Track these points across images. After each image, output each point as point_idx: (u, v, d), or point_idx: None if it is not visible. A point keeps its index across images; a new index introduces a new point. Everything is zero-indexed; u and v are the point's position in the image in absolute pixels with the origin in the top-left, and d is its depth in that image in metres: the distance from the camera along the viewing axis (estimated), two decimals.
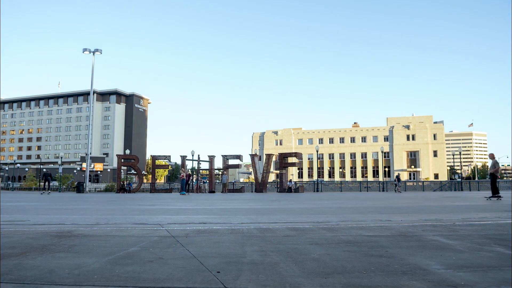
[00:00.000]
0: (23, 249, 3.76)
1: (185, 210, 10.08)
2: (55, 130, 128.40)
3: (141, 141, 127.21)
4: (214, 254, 3.50)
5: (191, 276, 2.68)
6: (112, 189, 40.57)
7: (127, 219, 6.95)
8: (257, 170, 33.33)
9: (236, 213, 8.82)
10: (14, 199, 17.92)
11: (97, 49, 34.59)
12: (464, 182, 46.26)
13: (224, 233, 4.96)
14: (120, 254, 3.53)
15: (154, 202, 14.56)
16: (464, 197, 18.14)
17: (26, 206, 12.17)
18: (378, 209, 10.12)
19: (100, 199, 18.70)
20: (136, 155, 39.08)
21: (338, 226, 5.77)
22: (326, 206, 11.69)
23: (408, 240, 4.31)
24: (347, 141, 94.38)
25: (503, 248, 3.81)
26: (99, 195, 27.05)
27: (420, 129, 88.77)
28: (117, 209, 10.36)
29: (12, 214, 8.40)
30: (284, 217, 7.36)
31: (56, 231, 5.16)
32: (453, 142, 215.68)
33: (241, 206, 12.11)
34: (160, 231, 5.21)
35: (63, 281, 2.57)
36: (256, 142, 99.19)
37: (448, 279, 2.59)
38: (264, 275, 2.71)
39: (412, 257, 3.35)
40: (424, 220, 6.56)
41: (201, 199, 17.50)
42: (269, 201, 15.29)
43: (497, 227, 5.58)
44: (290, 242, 4.23)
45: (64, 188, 42.34)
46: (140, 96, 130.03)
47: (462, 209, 9.95)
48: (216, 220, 6.78)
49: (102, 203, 13.93)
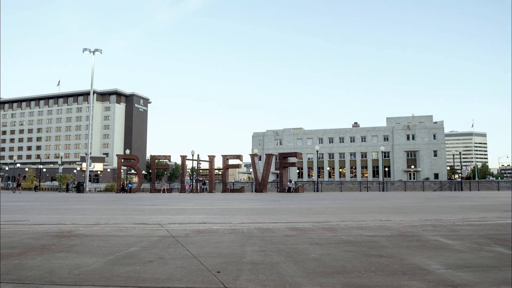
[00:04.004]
0: (23, 249, 3.76)
1: (185, 210, 10.08)
2: (55, 130, 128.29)
3: (141, 141, 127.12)
4: (214, 254, 3.50)
5: (191, 276, 2.68)
6: (112, 189, 40.58)
7: (127, 219, 6.95)
8: (257, 170, 33.32)
9: (236, 213, 8.82)
10: (14, 199, 17.92)
11: (97, 49, 34.59)
12: (464, 182, 46.25)
13: (224, 233, 4.96)
14: (120, 254, 3.53)
15: (154, 202, 14.56)
16: (464, 197, 18.13)
17: (26, 206, 12.16)
18: (378, 209, 10.12)
19: (100, 199, 18.69)
20: (136, 155, 39.06)
21: (338, 226, 5.77)
22: (326, 206, 11.69)
23: (408, 240, 4.31)
24: (347, 141, 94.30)
25: (503, 248, 3.81)
26: (99, 195, 27.04)
27: (420, 129, 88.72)
28: (117, 209, 10.35)
29: (12, 214, 8.40)
30: (284, 217, 7.35)
31: (56, 231, 5.16)
32: (453, 142, 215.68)
33: (241, 206, 12.11)
34: (160, 231, 5.21)
35: (63, 281, 2.57)
36: (256, 142, 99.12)
37: (448, 279, 2.59)
38: (264, 275, 2.71)
39: (412, 257, 3.35)
40: (424, 220, 6.56)
41: (201, 199, 17.50)
42: (269, 201, 15.29)
43: (497, 227, 5.58)
44: (290, 242, 4.23)
45: (64, 188, 42.33)
46: (140, 96, 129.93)
47: (462, 209, 9.95)
48: (216, 220, 6.77)
49: (102, 203, 13.92)
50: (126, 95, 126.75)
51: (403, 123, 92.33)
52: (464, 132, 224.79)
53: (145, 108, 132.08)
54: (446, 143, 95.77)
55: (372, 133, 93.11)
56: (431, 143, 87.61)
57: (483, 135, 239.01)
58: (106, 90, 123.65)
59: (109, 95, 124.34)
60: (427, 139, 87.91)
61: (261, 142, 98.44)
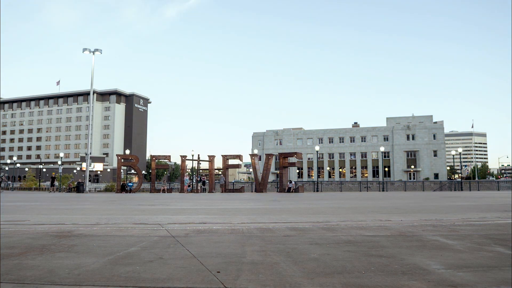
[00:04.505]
0: (23, 249, 3.76)
1: (185, 210, 10.07)
2: (55, 130, 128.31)
3: (141, 141, 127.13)
4: (214, 254, 3.50)
5: (191, 276, 2.68)
6: (112, 189, 40.53)
7: (127, 219, 6.95)
8: (257, 170, 33.31)
9: (236, 213, 8.81)
10: (14, 199, 17.92)
11: (97, 49, 34.58)
12: (464, 182, 46.25)
13: (224, 233, 4.96)
14: (120, 254, 3.53)
15: (154, 202, 14.56)
16: (464, 197, 18.13)
17: (26, 206, 12.17)
18: (378, 209, 10.11)
19: (100, 199, 18.70)
20: (136, 155, 39.04)
21: (338, 226, 5.77)
22: (326, 206, 11.69)
23: (408, 240, 4.31)
24: (347, 141, 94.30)
25: (503, 248, 3.81)
26: (99, 195, 27.04)
27: (420, 129, 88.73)
28: (117, 209, 10.35)
29: (12, 214, 8.40)
30: (284, 217, 7.35)
31: (56, 231, 5.16)
32: (453, 142, 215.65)
33: (241, 206, 12.11)
34: (160, 231, 5.21)
35: (63, 281, 2.57)
36: (256, 142, 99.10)
37: (448, 279, 2.59)
38: (264, 275, 2.71)
39: (412, 257, 3.35)
40: (424, 220, 6.56)
41: (201, 199, 17.50)
42: (269, 201, 15.29)
43: (497, 227, 5.58)
44: (290, 242, 4.23)
45: (64, 188, 42.35)
46: (140, 96, 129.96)
47: (462, 209, 9.94)
48: (216, 220, 6.77)
49: (102, 203, 13.93)
50: (126, 95, 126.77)
51: (403, 123, 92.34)
52: (464, 132, 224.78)
53: (145, 108, 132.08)
54: (446, 143, 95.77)
55: (372, 133, 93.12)
56: (431, 143, 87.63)
57: (483, 135, 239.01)
58: (106, 90, 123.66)
59: (109, 95, 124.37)
60: (427, 139, 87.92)
61: (261, 142, 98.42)
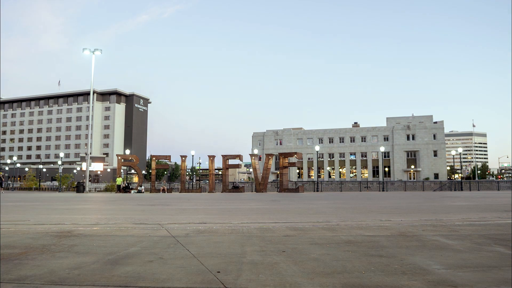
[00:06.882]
0: (23, 249, 3.76)
1: (185, 210, 10.07)
2: (55, 130, 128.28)
3: (141, 141, 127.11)
4: (214, 254, 3.50)
5: (191, 276, 2.68)
6: (112, 189, 40.53)
7: (127, 219, 6.95)
8: (257, 170, 33.32)
9: (236, 213, 8.81)
10: (14, 199, 17.92)
11: (97, 49, 34.59)
12: (464, 182, 46.25)
13: (224, 233, 4.96)
14: (120, 254, 3.53)
15: (154, 202, 14.55)
16: (464, 197, 18.13)
17: (26, 206, 12.17)
18: (378, 209, 10.11)
19: (100, 199, 18.69)
20: (136, 155, 39.06)
21: (338, 226, 5.77)
22: (326, 206, 11.68)
23: (408, 240, 4.31)
24: (347, 141, 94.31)
25: (503, 248, 3.81)
26: (99, 195, 27.04)
27: (420, 129, 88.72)
28: (117, 209, 10.35)
29: (12, 214, 8.40)
30: (284, 217, 7.35)
31: (56, 231, 5.16)
32: (453, 142, 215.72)
33: (241, 206, 12.11)
34: (160, 231, 5.21)
35: (63, 281, 2.57)
36: (256, 142, 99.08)
37: (448, 279, 2.59)
38: (264, 275, 2.71)
39: (412, 257, 3.35)
40: (424, 220, 6.56)
41: (201, 199, 17.49)
42: (269, 201, 15.28)
43: (497, 227, 5.58)
44: (290, 242, 4.23)
45: (64, 188, 42.32)
46: (140, 96, 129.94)
47: (462, 209, 9.94)
48: (216, 220, 6.77)
49: (102, 203, 13.93)
50: (126, 95, 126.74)
51: (403, 123, 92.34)
52: (464, 132, 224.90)
53: (145, 108, 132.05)
54: (446, 143, 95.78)
55: (372, 133, 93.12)
56: (431, 143, 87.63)
57: (483, 135, 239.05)
58: (106, 90, 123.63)
59: (109, 95, 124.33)
60: (427, 139, 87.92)
61: (261, 142, 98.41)
